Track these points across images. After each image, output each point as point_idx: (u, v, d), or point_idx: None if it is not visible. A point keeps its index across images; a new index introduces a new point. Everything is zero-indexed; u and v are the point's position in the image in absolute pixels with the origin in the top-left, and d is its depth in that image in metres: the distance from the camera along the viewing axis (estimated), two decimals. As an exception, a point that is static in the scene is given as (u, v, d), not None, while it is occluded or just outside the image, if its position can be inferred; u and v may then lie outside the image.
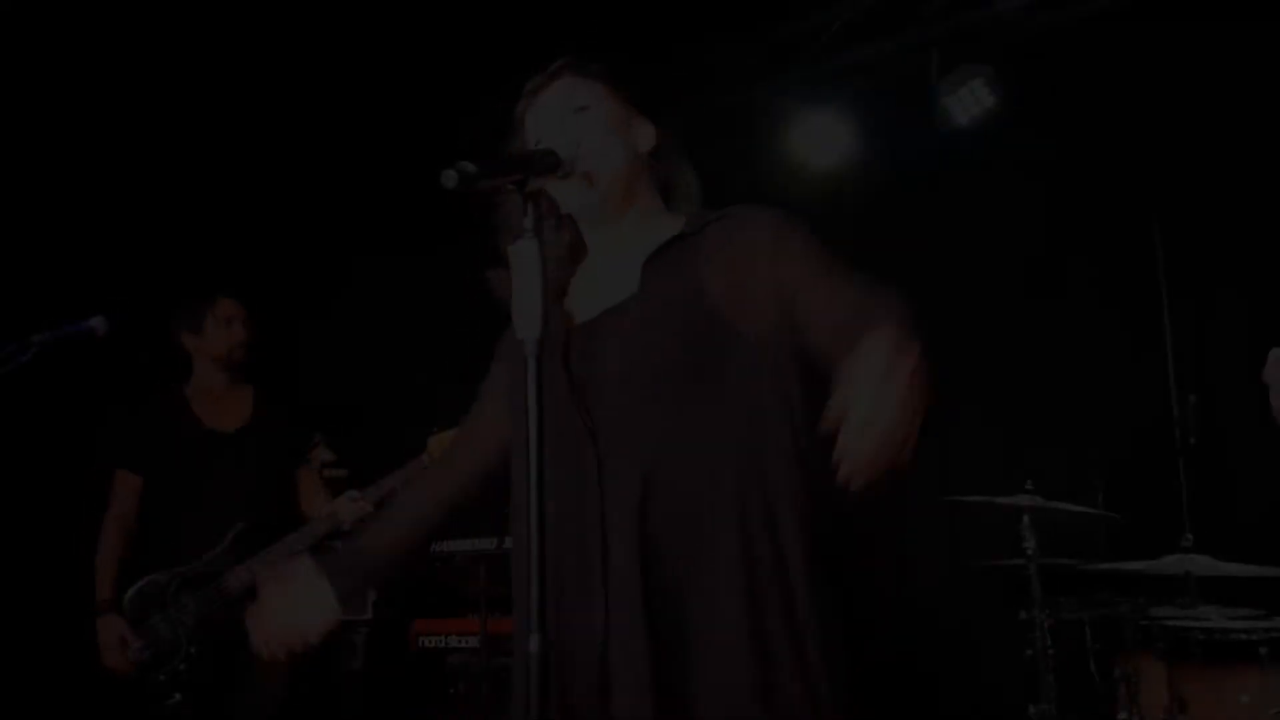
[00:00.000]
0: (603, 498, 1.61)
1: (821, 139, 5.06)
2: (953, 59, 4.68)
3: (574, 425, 1.65)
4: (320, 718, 3.85)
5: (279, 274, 5.14)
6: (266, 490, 3.75)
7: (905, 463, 1.33)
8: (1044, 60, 4.72)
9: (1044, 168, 4.76)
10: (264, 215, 4.96)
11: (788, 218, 1.75)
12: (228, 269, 4.51)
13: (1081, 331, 4.70)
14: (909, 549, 5.03)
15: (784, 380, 1.65)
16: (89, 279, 4.21)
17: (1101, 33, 4.55)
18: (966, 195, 4.95)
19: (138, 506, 3.75)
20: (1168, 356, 4.47)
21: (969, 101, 4.70)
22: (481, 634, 4.04)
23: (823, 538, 1.66)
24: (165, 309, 3.88)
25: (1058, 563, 3.85)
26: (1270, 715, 3.09)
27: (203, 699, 3.56)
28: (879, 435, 1.30)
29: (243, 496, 3.67)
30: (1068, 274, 4.76)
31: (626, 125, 1.81)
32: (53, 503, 4.31)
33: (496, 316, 1.85)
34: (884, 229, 5.10)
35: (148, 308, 3.88)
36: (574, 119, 1.76)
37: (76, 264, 4.35)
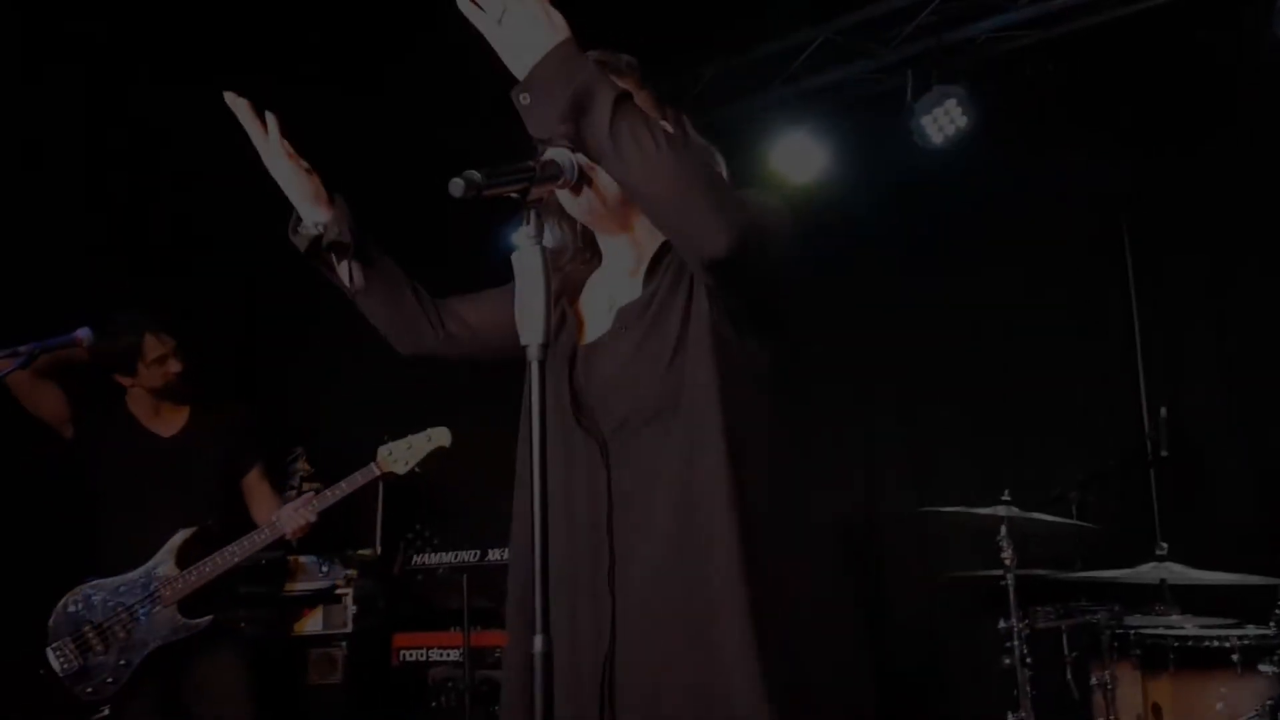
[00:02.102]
0: (611, 514, 1.64)
1: (799, 156, 5.12)
2: (927, 80, 4.75)
3: (580, 438, 1.68)
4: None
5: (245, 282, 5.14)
6: (207, 497, 3.68)
7: None
8: (1017, 81, 4.80)
9: (1017, 186, 4.84)
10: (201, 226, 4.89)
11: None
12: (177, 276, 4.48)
13: (1055, 346, 4.77)
14: (887, 559, 5.07)
15: (763, 384, 1.68)
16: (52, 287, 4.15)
17: (1075, 53, 4.65)
18: (941, 213, 5.02)
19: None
20: (1139, 370, 4.55)
21: (943, 121, 4.78)
22: (464, 647, 4.03)
23: (811, 547, 1.71)
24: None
25: (1034, 573, 3.91)
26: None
27: (140, 713, 3.48)
28: None
29: (182, 502, 3.61)
30: (1042, 289, 4.84)
31: None
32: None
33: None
34: (860, 245, 5.16)
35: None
36: None
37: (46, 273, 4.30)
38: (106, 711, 3.46)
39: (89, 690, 3.45)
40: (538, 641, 1.49)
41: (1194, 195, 4.49)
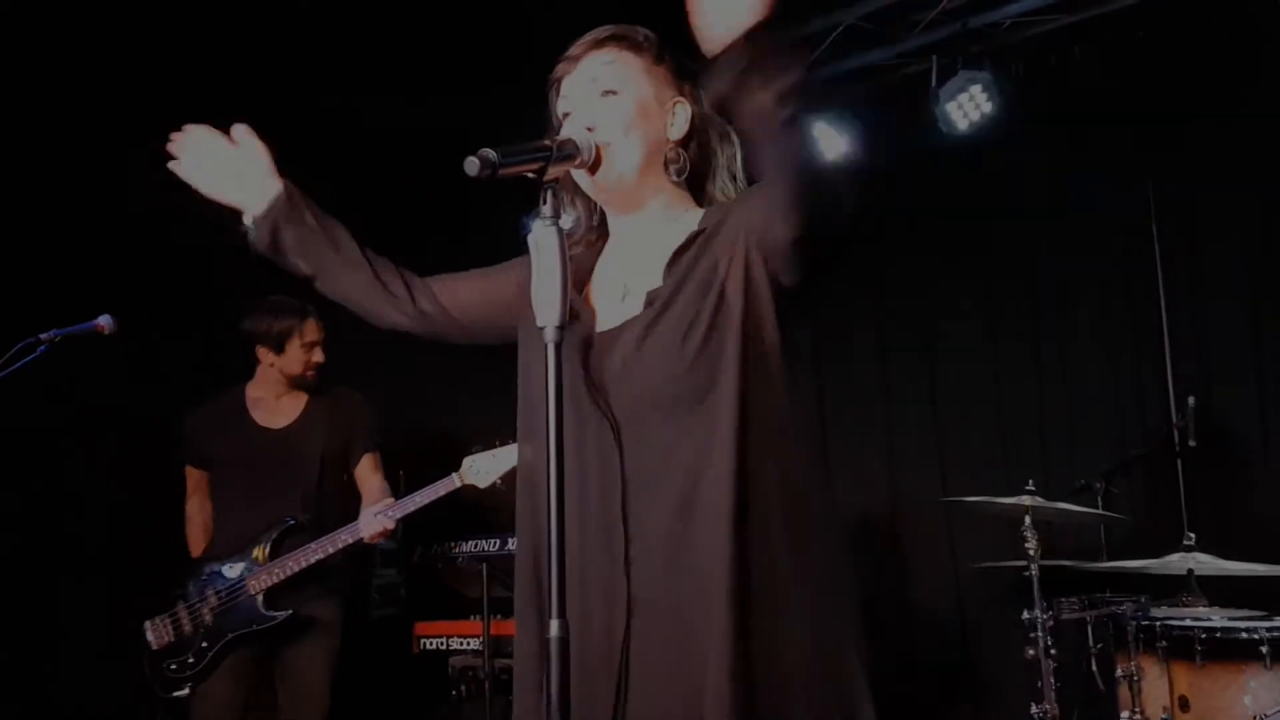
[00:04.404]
0: (625, 496, 1.62)
1: (821, 143, 5.08)
2: (952, 65, 4.71)
3: (593, 422, 1.66)
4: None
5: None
6: (307, 490, 3.75)
7: None
8: (1043, 65, 4.75)
9: (1042, 172, 4.79)
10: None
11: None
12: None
13: (1082, 333, 4.72)
14: (910, 549, 5.04)
15: (777, 370, 1.65)
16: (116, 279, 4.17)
17: (1101, 36, 4.59)
18: (966, 200, 4.98)
19: (209, 498, 3.87)
20: (1166, 359, 4.49)
21: (968, 107, 4.73)
22: (484, 636, 4.02)
23: (828, 533, 1.68)
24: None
25: (1059, 563, 3.87)
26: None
27: (218, 697, 3.57)
28: None
29: (284, 494, 3.71)
30: (1068, 276, 4.79)
31: (657, 112, 1.77)
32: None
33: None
34: (882, 233, 5.13)
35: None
36: (600, 103, 1.73)
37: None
38: (187, 690, 3.59)
39: (172, 667, 3.60)
40: (554, 626, 1.48)
41: (1224, 180, 4.43)
